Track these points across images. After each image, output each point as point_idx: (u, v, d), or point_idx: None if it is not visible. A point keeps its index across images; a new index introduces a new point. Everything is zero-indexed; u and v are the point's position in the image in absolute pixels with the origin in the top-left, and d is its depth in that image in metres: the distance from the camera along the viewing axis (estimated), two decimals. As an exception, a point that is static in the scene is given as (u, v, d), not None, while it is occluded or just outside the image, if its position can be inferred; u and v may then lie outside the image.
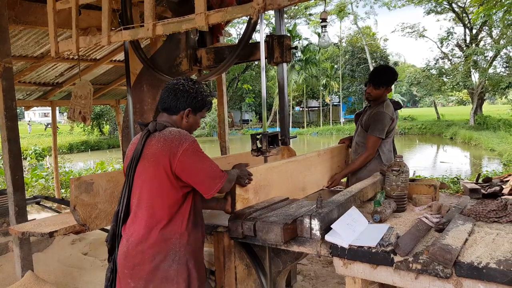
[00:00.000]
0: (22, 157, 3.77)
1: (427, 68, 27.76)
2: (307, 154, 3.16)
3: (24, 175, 3.73)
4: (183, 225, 1.87)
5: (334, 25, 38.25)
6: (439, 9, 26.63)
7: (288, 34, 3.15)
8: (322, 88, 37.20)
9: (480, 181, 3.25)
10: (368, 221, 2.09)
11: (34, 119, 52.76)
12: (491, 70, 24.99)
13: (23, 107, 7.66)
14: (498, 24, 23.13)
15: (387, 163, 3.24)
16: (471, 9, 24.17)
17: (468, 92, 27.79)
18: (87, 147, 25.74)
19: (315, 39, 36.75)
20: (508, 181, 3.55)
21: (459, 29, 36.88)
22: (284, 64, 3.07)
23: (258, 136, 2.72)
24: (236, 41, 3.15)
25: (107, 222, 2.35)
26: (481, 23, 24.58)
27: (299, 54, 34.70)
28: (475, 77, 25.96)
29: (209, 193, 1.88)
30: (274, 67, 4.07)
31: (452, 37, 26.62)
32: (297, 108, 42.74)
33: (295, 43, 32.89)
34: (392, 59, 39.71)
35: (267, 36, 2.99)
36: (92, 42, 2.78)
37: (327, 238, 1.85)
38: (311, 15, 37.30)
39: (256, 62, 3.84)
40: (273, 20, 29.79)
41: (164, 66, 3.36)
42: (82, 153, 24.10)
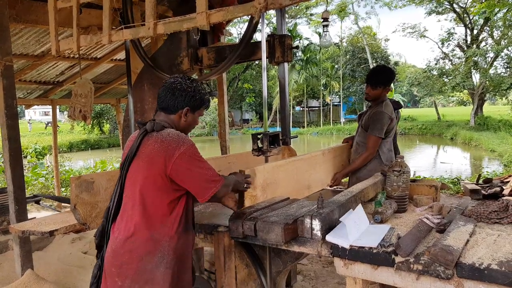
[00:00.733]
0: (22, 156, 3.77)
1: (428, 69, 27.74)
2: (312, 153, 3.20)
3: (24, 174, 3.72)
4: (174, 228, 1.85)
5: (335, 25, 38.35)
6: (440, 10, 26.62)
7: (289, 34, 3.14)
8: (323, 88, 37.20)
9: (481, 182, 3.24)
10: (369, 222, 2.08)
11: (35, 118, 52.77)
12: (492, 71, 24.97)
13: (24, 106, 7.67)
14: (499, 25, 23.14)
15: (387, 163, 3.27)
16: (472, 9, 24.16)
17: (469, 93, 27.77)
18: (87, 146, 25.74)
19: (316, 39, 36.81)
20: (509, 182, 3.54)
21: (460, 30, 36.97)
22: (285, 64, 3.07)
23: (259, 136, 2.71)
24: (237, 41, 3.14)
25: (108, 221, 2.35)
26: (482, 23, 24.58)
27: (300, 54, 34.70)
28: (476, 78, 25.96)
29: (203, 197, 1.86)
30: (274, 67, 4.08)
31: (453, 38, 26.61)
32: (298, 108, 42.74)
33: (296, 43, 32.86)
34: (393, 59, 39.69)
35: (269, 36, 2.99)
36: (93, 41, 2.78)
37: (328, 239, 1.85)
38: (312, 15, 37.33)
39: (257, 62, 3.83)
40: (274, 20, 29.86)
41: (165, 65, 3.36)
42: (82, 152, 24.10)
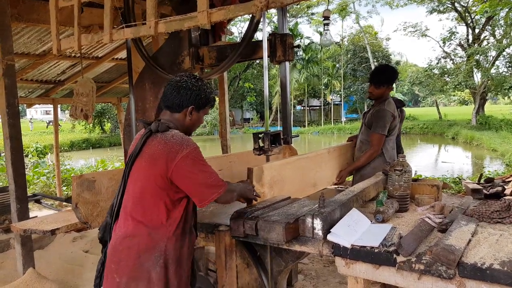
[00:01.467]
0: (24, 155, 3.77)
1: (429, 68, 27.68)
2: (318, 151, 3.26)
3: (26, 173, 3.72)
4: (172, 230, 1.84)
5: (336, 24, 38.34)
6: (442, 8, 26.54)
7: (291, 33, 3.14)
8: (324, 87, 37.16)
9: (482, 182, 3.24)
10: (371, 221, 2.08)
11: (36, 117, 52.84)
12: (494, 70, 24.92)
13: (25, 105, 7.67)
14: (501, 24, 23.07)
15: (390, 161, 3.30)
16: (474, 8, 24.12)
17: (470, 92, 27.72)
18: (89, 145, 25.76)
19: (317, 38, 36.74)
20: (511, 182, 3.54)
21: (462, 29, 36.89)
22: (287, 63, 3.07)
23: (260, 135, 2.71)
24: (238, 40, 3.14)
25: (109, 220, 2.35)
26: (484, 22, 24.51)
27: (301, 53, 34.66)
28: (478, 77, 25.89)
29: (203, 203, 1.84)
30: (275, 66, 4.08)
31: (455, 37, 26.55)
32: (298, 107, 42.71)
33: (297, 42, 32.84)
34: (394, 59, 39.62)
35: (270, 35, 2.98)
36: (94, 40, 2.78)
37: (330, 238, 1.85)
38: (313, 14, 37.31)
39: (258, 61, 3.84)
40: (275, 19, 29.82)
41: (166, 64, 3.36)
42: (84, 151, 24.12)
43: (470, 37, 26.05)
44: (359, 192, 2.37)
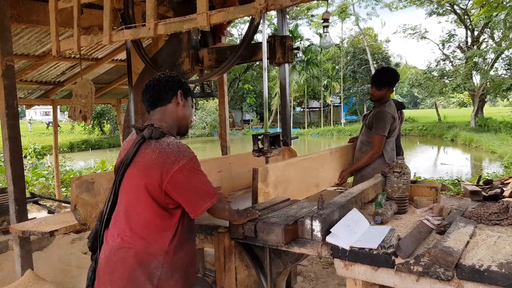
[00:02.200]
0: (22, 156, 3.77)
1: (429, 70, 27.72)
2: (320, 152, 3.32)
3: (25, 174, 3.72)
4: (167, 242, 1.75)
5: (336, 26, 38.35)
6: (441, 11, 26.59)
7: (290, 35, 3.14)
8: (323, 89, 37.19)
9: (481, 183, 3.25)
10: (369, 223, 2.08)
11: (35, 118, 52.83)
12: (493, 72, 24.96)
13: (24, 106, 7.67)
14: (500, 26, 23.12)
15: (390, 162, 3.33)
16: (473, 11, 24.16)
17: (469, 94, 27.76)
18: (88, 146, 25.75)
19: (317, 40, 36.81)
20: (509, 184, 3.54)
21: (461, 31, 36.97)
22: (286, 65, 3.07)
23: (260, 137, 2.72)
24: (238, 41, 3.14)
25: (108, 222, 2.35)
26: (483, 25, 24.57)
27: (301, 55, 34.72)
28: (477, 79, 25.93)
29: (196, 212, 1.74)
30: (275, 68, 4.09)
31: (454, 39, 26.59)
32: (298, 109, 42.74)
33: (297, 44, 32.88)
34: (394, 61, 39.69)
35: (269, 37, 2.99)
36: (94, 41, 2.78)
37: (328, 240, 1.85)
38: (313, 16, 37.38)
39: (258, 63, 3.84)
40: (275, 21, 29.90)
41: (166, 66, 3.36)
42: (83, 152, 24.11)
43: (469, 40, 26.11)
44: (358, 194, 2.37)
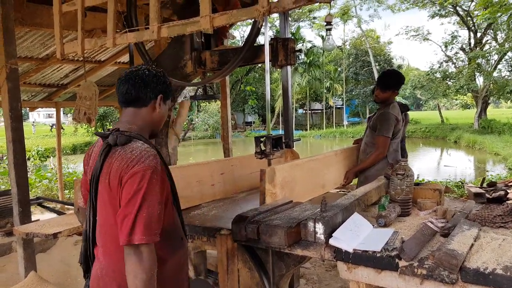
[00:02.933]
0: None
1: (431, 72, 27.68)
2: (326, 153, 3.37)
3: (28, 176, 3.74)
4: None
5: (338, 28, 38.35)
6: (444, 13, 26.57)
7: (292, 37, 3.15)
8: (326, 91, 37.19)
9: (485, 186, 3.23)
10: (373, 225, 2.08)
11: (39, 120, 52.97)
12: (496, 74, 24.91)
13: (28, 108, 7.70)
14: (503, 28, 23.08)
15: (393, 162, 3.34)
16: (476, 13, 24.12)
17: (473, 96, 27.70)
18: (91, 149, 25.77)
19: (319, 42, 36.87)
20: (513, 186, 3.52)
21: (464, 33, 36.90)
22: (288, 67, 3.07)
23: (262, 139, 2.72)
24: (239, 44, 3.15)
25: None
26: (486, 27, 24.52)
27: (303, 57, 34.74)
28: (480, 81, 25.88)
29: (121, 240, 1.43)
30: (277, 70, 4.10)
31: (457, 41, 26.54)
32: (300, 111, 42.74)
33: (299, 46, 32.90)
34: (396, 62, 39.65)
35: (272, 39, 2.99)
36: (98, 44, 2.79)
37: (331, 242, 1.84)
38: (315, 18, 37.41)
39: (260, 65, 3.85)
40: (276, 23, 29.92)
41: (169, 68, 3.37)
42: (86, 154, 24.14)
43: (472, 41, 26.06)
44: (361, 196, 2.36)
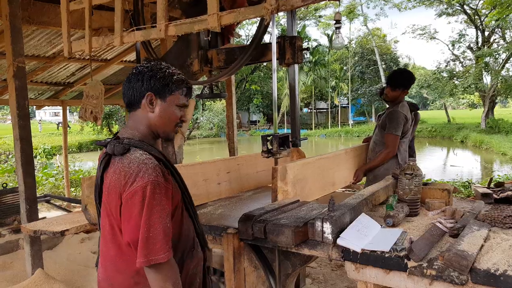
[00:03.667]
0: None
1: (438, 71, 27.51)
2: (336, 152, 3.40)
3: (35, 174, 3.76)
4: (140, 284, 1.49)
5: (344, 26, 38.17)
6: (451, 11, 26.39)
7: (299, 36, 3.13)
8: (331, 90, 37.08)
9: (492, 186, 3.20)
10: (381, 225, 2.06)
11: (45, 118, 53.36)
12: (504, 73, 24.69)
13: (34, 106, 7.74)
14: None
15: (402, 163, 3.34)
16: (484, 11, 23.93)
17: (480, 95, 27.49)
18: (97, 147, 25.85)
19: (324, 41, 36.80)
20: (522, 186, 3.49)
21: (471, 31, 36.63)
22: (296, 66, 3.05)
23: (269, 138, 2.71)
24: (245, 42, 3.13)
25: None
26: (494, 25, 24.32)
27: (308, 56, 34.67)
28: (487, 80, 25.68)
29: (139, 262, 1.37)
30: (282, 68, 4.08)
31: (464, 39, 26.36)
32: (305, 110, 42.66)
33: (304, 45, 32.81)
34: (402, 61, 39.44)
35: (279, 37, 2.97)
36: (105, 43, 2.79)
37: (339, 242, 1.83)
38: (321, 17, 37.28)
39: (265, 63, 3.84)
40: (282, 21, 29.87)
41: (175, 67, 3.35)
42: (92, 152, 24.30)
43: (480, 40, 25.85)
44: (369, 196, 2.35)
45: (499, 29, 24.76)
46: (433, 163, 16.57)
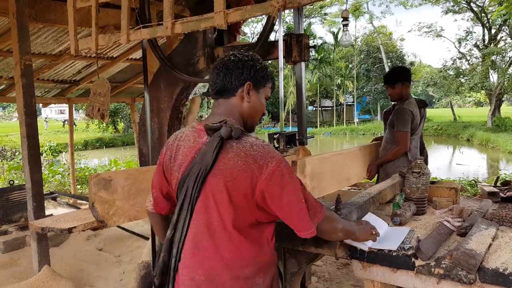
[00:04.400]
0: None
1: (444, 69, 27.33)
2: (351, 148, 3.53)
3: (41, 171, 3.78)
4: (266, 258, 1.48)
5: (350, 24, 37.98)
6: (457, 9, 26.22)
7: (306, 33, 3.12)
8: (336, 88, 36.96)
9: (499, 184, 3.18)
10: (388, 224, 2.05)
11: (51, 116, 53.66)
12: (511, 71, 24.48)
13: (41, 104, 7.78)
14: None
15: (413, 160, 3.33)
16: (490, 9, 23.72)
17: (486, 93, 27.29)
18: (102, 144, 26.03)
19: (330, 38, 36.64)
20: (529, 185, 3.46)
21: (478, 29, 36.35)
22: (302, 64, 3.05)
23: (276, 136, 2.71)
24: (251, 40, 3.13)
25: (124, 219, 2.36)
26: (501, 23, 24.11)
27: (313, 53, 34.57)
28: (494, 78, 25.48)
29: (305, 233, 1.44)
30: (288, 66, 4.07)
31: (471, 37, 26.17)
32: (310, 108, 42.57)
33: (310, 42, 32.76)
34: (408, 59, 39.23)
35: (285, 35, 2.96)
36: (112, 40, 2.79)
37: (346, 241, 1.82)
38: (326, 15, 37.19)
39: (270, 61, 3.84)
40: (287, 19, 29.82)
41: (181, 64, 3.37)
42: (97, 150, 24.40)
43: (486, 38, 25.65)
44: (376, 194, 2.34)
45: (506, 27, 24.53)
46: (439, 162, 16.48)
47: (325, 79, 35.79)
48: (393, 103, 3.77)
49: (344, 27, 3.63)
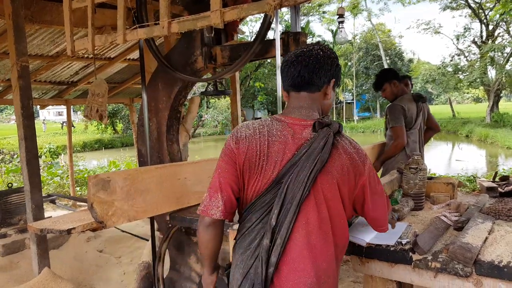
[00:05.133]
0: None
1: (443, 65, 27.35)
2: (365, 147, 3.59)
3: (40, 173, 3.78)
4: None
5: (348, 22, 38.01)
6: (455, 5, 26.22)
7: (304, 31, 3.12)
8: (335, 86, 36.91)
9: (497, 180, 3.19)
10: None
11: (49, 118, 53.56)
12: (509, 67, 24.52)
13: (38, 106, 7.78)
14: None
15: (411, 154, 3.39)
16: (488, 5, 23.74)
17: (485, 89, 27.32)
18: (101, 145, 26.02)
19: (329, 37, 36.61)
20: (528, 179, 3.47)
21: (476, 25, 36.37)
22: (299, 61, 3.04)
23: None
24: (248, 39, 3.13)
25: (124, 220, 2.36)
26: (498, 20, 24.13)
27: (312, 52, 34.50)
28: (492, 74, 25.49)
29: (384, 227, 1.57)
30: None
31: (469, 34, 26.18)
32: (309, 106, 42.50)
33: (309, 41, 32.70)
34: (407, 56, 39.25)
35: (283, 33, 2.97)
36: (108, 41, 2.79)
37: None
38: (324, 13, 37.14)
39: (269, 60, 3.84)
40: (286, 17, 29.76)
41: (179, 64, 3.37)
42: (96, 151, 24.38)
43: (484, 34, 25.67)
44: (373, 191, 2.35)
45: (504, 23, 24.55)
46: (438, 158, 16.50)
47: (324, 77, 35.72)
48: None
49: (340, 25, 3.65)
